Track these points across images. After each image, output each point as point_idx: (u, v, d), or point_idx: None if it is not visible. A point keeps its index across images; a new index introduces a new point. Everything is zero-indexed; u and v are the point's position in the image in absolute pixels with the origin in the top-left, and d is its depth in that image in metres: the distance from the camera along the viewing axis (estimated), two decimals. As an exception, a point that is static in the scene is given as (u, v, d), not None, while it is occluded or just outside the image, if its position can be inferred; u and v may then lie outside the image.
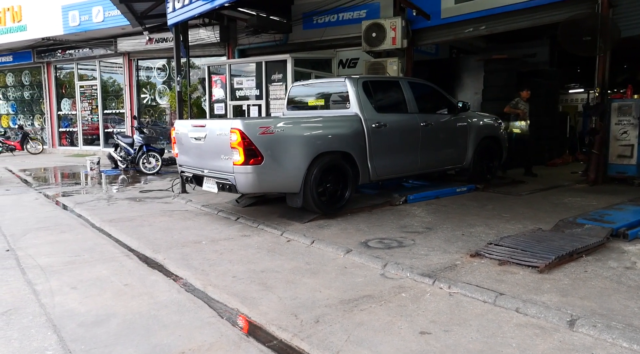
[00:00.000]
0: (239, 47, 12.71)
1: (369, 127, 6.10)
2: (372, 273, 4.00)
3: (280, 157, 5.34)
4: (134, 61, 14.82)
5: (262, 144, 5.19)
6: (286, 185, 5.53)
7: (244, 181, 5.25)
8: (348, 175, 5.94)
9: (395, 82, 6.99)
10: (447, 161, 7.36)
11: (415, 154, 6.74)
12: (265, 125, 5.29)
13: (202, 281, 3.87)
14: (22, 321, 3.18)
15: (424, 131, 6.75)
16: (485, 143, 7.74)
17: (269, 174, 5.30)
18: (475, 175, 7.70)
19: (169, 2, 7.31)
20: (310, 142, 5.56)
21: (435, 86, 7.53)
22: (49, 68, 16.79)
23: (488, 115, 8.36)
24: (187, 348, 2.78)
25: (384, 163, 6.30)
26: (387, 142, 6.32)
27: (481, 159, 7.74)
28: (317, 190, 5.61)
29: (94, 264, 4.38)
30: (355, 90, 6.21)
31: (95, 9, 12.90)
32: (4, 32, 15.13)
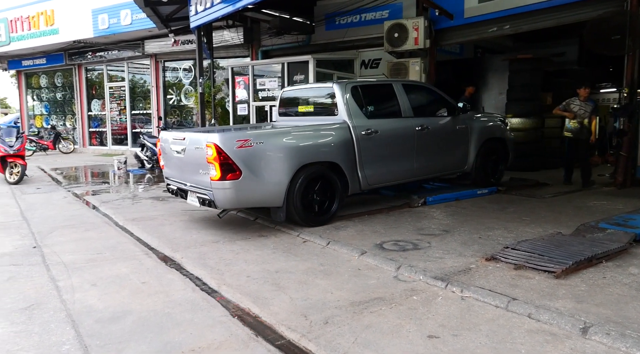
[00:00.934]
0: (262, 48, 12.82)
1: (358, 134, 5.82)
2: (385, 276, 4.01)
3: (260, 170, 5.11)
4: (160, 62, 15.12)
5: (240, 158, 4.96)
6: (268, 199, 5.30)
7: (222, 197, 5.05)
8: (335, 186, 5.69)
9: (388, 85, 6.68)
10: (447, 166, 7.08)
11: (411, 160, 6.46)
12: (243, 138, 5.05)
13: (216, 280, 3.95)
14: (43, 316, 3.31)
15: (419, 136, 6.47)
16: (489, 145, 7.44)
17: (248, 189, 5.08)
18: (479, 179, 7.41)
19: (192, 6, 7.45)
20: (291, 154, 5.29)
21: (433, 88, 7.33)
22: (80, 70, 17.27)
23: (492, 116, 8.13)
24: (198, 346, 2.85)
25: (375, 171, 6.05)
26: (379, 149, 6.06)
27: (485, 162, 7.42)
28: (301, 202, 5.39)
29: (114, 262, 4.51)
30: (344, 96, 5.95)
31: (123, 12, 13.21)
32: (38, 36, 15.64)
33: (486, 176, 7.49)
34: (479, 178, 7.39)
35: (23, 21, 15.82)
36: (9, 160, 9.65)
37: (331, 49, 11.80)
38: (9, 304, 3.52)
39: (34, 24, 15.55)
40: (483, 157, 7.33)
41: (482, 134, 7.31)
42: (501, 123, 7.86)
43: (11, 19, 16.15)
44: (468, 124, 7.16)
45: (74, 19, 14.53)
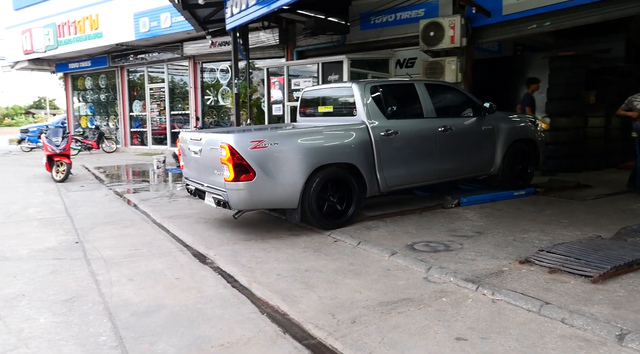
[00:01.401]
0: (297, 48, 12.91)
1: (376, 135, 5.71)
2: (414, 276, 3.98)
3: (274, 172, 5.06)
4: (198, 64, 15.44)
5: (254, 159, 4.95)
6: (282, 201, 5.25)
7: (236, 198, 5.03)
8: (353, 188, 5.58)
9: (409, 85, 6.50)
10: (472, 167, 6.80)
11: (432, 162, 6.27)
12: (257, 139, 5.03)
13: (247, 277, 4.02)
14: (82, 308, 3.45)
15: (442, 137, 6.30)
16: (517, 146, 7.13)
17: (262, 190, 5.04)
18: (506, 182, 7.11)
19: (228, 8, 7.58)
20: (306, 155, 5.20)
21: (458, 87, 7.11)
22: (123, 72, 17.85)
23: (521, 116, 7.79)
24: (226, 341, 2.92)
25: (395, 173, 5.91)
26: (399, 150, 5.92)
27: (513, 164, 7.14)
28: (317, 205, 5.31)
29: (150, 258, 4.66)
30: (362, 96, 5.87)
31: (163, 15, 13.57)
32: (83, 39, 16.26)
33: (514, 178, 7.22)
34: (506, 181, 7.11)
35: (70, 26, 16.47)
36: (56, 159, 10.09)
37: (366, 48, 11.78)
38: (51, 296, 3.69)
39: (79, 28, 16.17)
40: (511, 159, 7.07)
41: (510, 135, 7.03)
42: (531, 123, 7.54)
43: (59, 24, 16.84)
44: (495, 125, 6.90)
45: (117, 23, 15.03)
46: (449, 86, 7.10)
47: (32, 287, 3.88)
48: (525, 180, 7.44)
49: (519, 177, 7.31)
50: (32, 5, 17.72)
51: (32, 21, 17.73)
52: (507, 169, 7.05)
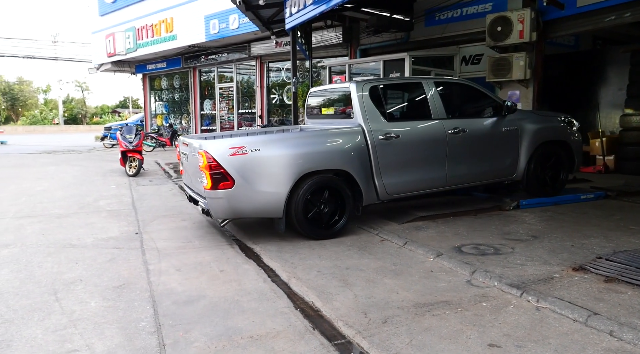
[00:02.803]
0: (361, 46, 12.87)
1: (374, 139, 5.31)
2: (457, 279, 3.86)
3: (256, 180, 4.81)
4: (265, 64, 15.82)
5: (234, 167, 4.73)
6: (266, 210, 4.96)
7: (215, 207, 4.86)
8: (346, 196, 5.18)
9: (416, 84, 6.08)
10: (490, 173, 6.19)
11: (441, 167, 5.76)
12: (237, 145, 4.81)
13: (288, 273, 4.08)
14: (130, 294, 3.67)
15: (452, 139, 5.76)
16: (546, 149, 6.47)
17: (243, 199, 4.81)
18: (531, 188, 6.48)
19: (287, 8, 7.71)
20: (291, 161, 4.89)
21: (475, 85, 6.50)
22: (195, 73, 18.67)
23: (552, 115, 7.04)
24: (256, 333, 2.98)
25: (396, 180, 5.47)
26: (400, 155, 5.49)
27: (541, 169, 6.48)
28: (304, 214, 4.98)
29: (200, 250, 4.85)
30: (360, 97, 5.45)
31: (231, 17, 14.03)
32: (159, 42, 17.17)
33: (541, 185, 6.52)
34: (532, 187, 6.47)
35: (148, 29, 17.46)
36: (129, 155, 10.76)
37: (430, 45, 11.53)
38: (105, 281, 3.95)
39: (156, 32, 17.09)
40: (538, 163, 6.42)
41: (536, 137, 6.36)
42: (565, 124, 6.78)
43: (138, 28, 17.90)
44: (519, 125, 6.28)
45: (189, 25, 15.73)
46: (465, 84, 6.58)
47: (89, 273, 4.17)
48: (556, 188, 6.70)
49: (548, 184, 6.61)
50: (115, 11, 18.96)
51: (114, 26, 18.98)
52: (533, 175, 6.39)
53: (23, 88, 63.94)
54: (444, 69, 11.48)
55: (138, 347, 2.83)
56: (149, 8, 17.21)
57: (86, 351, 2.77)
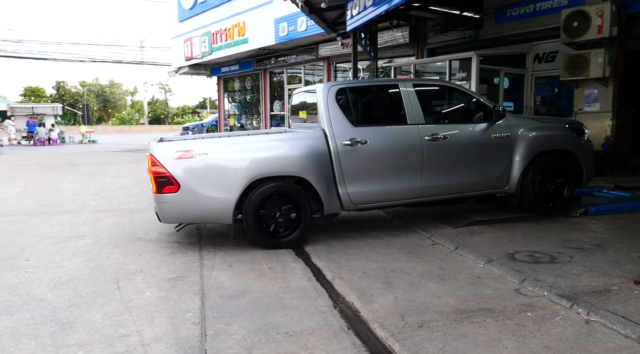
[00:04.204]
0: (428, 46, 12.65)
1: (337, 145, 5.01)
2: (505, 287, 3.74)
3: (203, 184, 4.68)
4: (332, 65, 15.98)
5: (179, 170, 4.64)
6: (213, 216, 4.87)
7: (161, 211, 4.80)
8: (303, 204, 4.94)
9: (391, 86, 5.70)
10: (476, 184, 5.62)
11: (416, 177, 5.30)
12: (183, 149, 4.70)
13: (333, 273, 4.15)
14: (182, 286, 3.91)
15: (430, 147, 5.30)
16: (547, 160, 5.83)
17: (189, 204, 4.70)
18: (527, 202, 5.83)
19: (348, 10, 7.78)
20: (240, 166, 4.75)
21: (461, 87, 5.99)
22: (265, 74, 19.21)
23: (556, 121, 6.41)
24: (292, 330, 3.08)
25: (363, 189, 5.12)
26: (367, 163, 5.14)
27: (540, 181, 5.84)
28: (255, 221, 4.82)
29: (253, 247, 5.02)
30: (325, 100, 5.16)
31: (299, 19, 14.30)
32: (232, 45, 17.86)
33: (539, 199, 5.86)
34: (526, 202, 5.83)
35: (221, 33, 18.20)
36: (199, 154, 11.29)
37: (501, 43, 11.11)
38: (162, 273, 4.23)
39: (229, 35, 17.78)
40: (535, 175, 5.78)
41: (532, 145, 5.72)
42: (569, 131, 6.03)
43: (213, 32, 18.71)
44: (512, 132, 5.67)
45: (260, 29, 16.22)
46: (450, 87, 6.08)
47: (150, 265, 4.47)
48: (558, 203, 5.98)
49: (549, 198, 5.93)
50: (193, 17, 19.94)
51: (192, 31, 19.97)
52: (528, 188, 5.76)
53: (114, 91, 68.82)
54: (515, 68, 11.04)
55: (182, 336, 3.02)
56: (223, 13, 17.93)
57: (136, 337, 3.01)
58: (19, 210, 7.27)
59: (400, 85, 5.46)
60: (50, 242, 5.33)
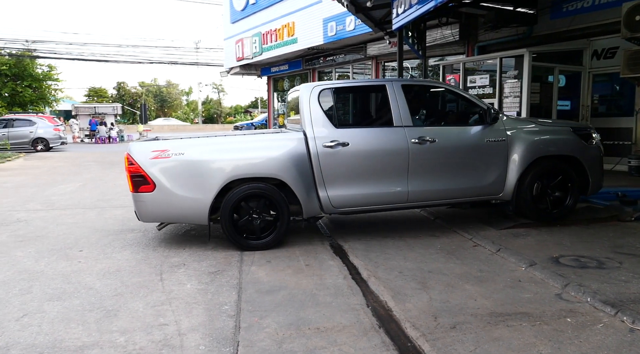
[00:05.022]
0: (478, 43, 12.34)
1: (317, 146, 4.91)
2: (545, 291, 3.62)
3: (179, 184, 4.72)
4: (380, 64, 15.89)
5: (155, 170, 4.70)
6: (189, 216, 4.89)
7: (138, 210, 4.88)
8: (281, 206, 4.87)
9: (378, 87, 5.46)
10: (467, 190, 5.33)
11: (401, 181, 5.10)
12: (159, 148, 4.75)
13: (369, 271, 4.16)
14: (221, 280, 4.03)
15: (417, 150, 5.09)
16: (546, 166, 5.48)
17: (164, 203, 4.76)
18: (525, 210, 5.51)
19: (394, 8, 7.73)
20: (216, 167, 4.75)
21: (456, 88, 5.61)
22: (314, 74, 19.35)
23: (559, 124, 5.97)
24: (323, 326, 3.12)
25: (343, 192, 4.99)
26: (349, 165, 4.99)
27: (541, 189, 5.49)
28: (232, 223, 4.81)
29: (293, 244, 5.12)
30: (307, 101, 5.07)
31: (348, 18, 14.31)
32: (281, 45, 18.11)
33: (539, 207, 5.52)
34: (523, 209, 5.52)
35: (271, 34, 18.50)
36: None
37: (555, 39, 10.68)
38: (203, 267, 4.38)
39: (279, 36, 18.04)
40: (535, 181, 5.45)
41: (530, 150, 5.38)
42: (575, 135, 5.64)
43: (263, 33, 19.04)
44: (508, 136, 5.37)
45: (309, 29, 16.37)
46: (443, 88, 5.71)
47: (192, 258, 4.64)
48: (560, 211, 5.59)
49: (550, 206, 5.57)
50: (244, 18, 20.37)
51: (243, 32, 20.41)
52: (526, 195, 5.42)
53: (170, 91, 71.35)
54: (571, 65, 10.61)
55: (217, 327, 3.12)
56: (273, 14, 18.22)
57: (173, 326, 3.14)
58: (77, 204, 7.71)
59: (388, 86, 5.25)
60: (102, 234, 5.63)
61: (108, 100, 56.71)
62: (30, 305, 3.51)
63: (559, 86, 10.51)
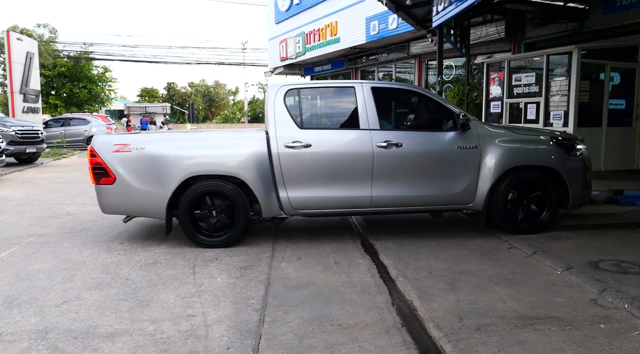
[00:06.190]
0: (525, 40, 11.95)
1: (278, 147, 4.88)
2: (580, 296, 3.49)
3: (138, 178, 4.83)
4: (423, 62, 15.67)
5: (116, 163, 4.83)
6: (148, 210, 4.97)
7: (100, 201, 5.03)
8: (240, 205, 4.87)
9: (347, 89, 5.29)
10: (434, 198, 5.11)
11: (365, 186, 4.98)
12: (121, 142, 4.89)
13: (397, 271, 4.13)
14: (251, 275, 4.11)
15: (382, 154, 4.95)
16: (522, 176, 5.16)
17: (124, 196, 4.88)
18: (497, 221, 5.21)
19: (434, 6, 7.61)
20: (175, 163, 4.80)
21: (429, 93, 5.37)
22: (357, 73, 19.31)
23: (539, 134, 5.51)
24: (345, 323, 3.13)
25: (304, 194, 4.93)
26: (311, 167, 4.93)
27: (517, 200, 5.17)
28: (190, 219, 4.87)
29: (324, 242, 5.14)
30: (272, 101, 5.06)
31: (390, 17, 14.18)
32: (324, 45, 18.17)
33: (512, 218, 5.20)
34: (494, 221, 5.23)
35: (315, 34, 18.59)
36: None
37: (609, 35, 10.21)
38: (235, 262, 4.48)
39: (322, 35, 18.11)
40: (509, 192, 5.13)
41: (504, 159, 5.09)
42: (553, 145, 5.28)
43: (307, 33, 19.16)
44: (481, 143, 5.11)
45: (351, 28, 16.33)
46: (415, 91, 5.47)
47: (225, 253, 4.75)
48: (535, 224, 5.24)
49: (526, 218, 5.24)
50: (288, 19, 20.56)
51: (287, 32, 20.61)
52: (499, 206, 5.13)
53: (218, 91, 73.01)
54: (624, 61, 10.15)
55: (242, 320, 3.19)
56: (317, 14, 18.30)
57: (201, 317, 3.23)
58: (122, 198, 8.03)
59: (357, 88, 5.15)
60: (144, 228, 5.85)
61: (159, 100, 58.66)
62: (70, 293, 3.70)
63: (613, 84, 10.06)
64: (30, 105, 18.80)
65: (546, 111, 9.94)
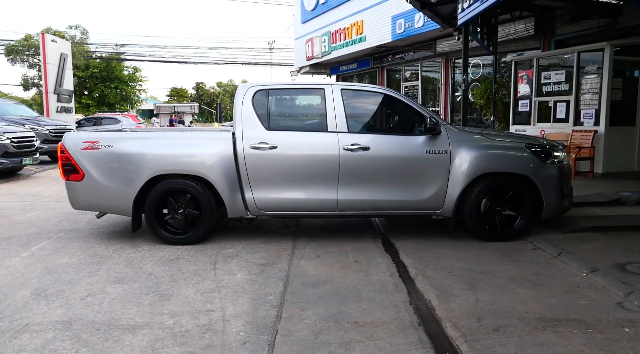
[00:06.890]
0: (556, 37, 11.67)
1: (244, 147, 4.89)
2: (605, 299, 3.40)
3: (106, 176, 4.91)
4: (450, 61, 15.47)
5: (84, 160, 4.90)
6: (115, 207, 5.06)
7: (69, 197, 5.10)
8: (206, 204, 4.92)
9: (316, 90, 5.24)
10: (403, 203, 5.00)
11: (331, 189, 4.93)
12: (90, 140, 4.94)
13: (417, 270, 4.10)
14: (270, 272, 4.14)
15: (348, 158, 4.88)
16: (495, 182, 4.98)
17: (92, 193, 4.96)
18: (470, 226, 5.04)
19: (459, 4, 7.52)
20: (142, 161, 4.87)
21: (401, 96, 5.23)
22: (382, 72, 19.21)
23: (516, 140, 5.27)
24: (362, 320, 3.13)
25: (270, 195, 4.95)
26: (276, 168, 4.93)
27: (488, 207, 4.99)
28: (156, 217, 4.96)
29: (345, 240, 5.15)
30: (240, 101, 5.06)
31: (417, 15, 14.04)
32: (350, 44, 18.13)
33: (485, 225, 5.01)
34: (470, 226, 5.04)
35: (340, 33, 18.57)
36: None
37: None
38: (255, 259, 4.52)
39: (347, 35, 18.07)
40: (478, 199, 4.96)
41: (474, 166, 4.92)
42: (527, 152, 5.06)
43: (333, 32, 19.16)
44: (451, 148, 4.96)
45: (377, 27, 16.26)
46: (387, 95, 5.29)
47: (246, 250, 4.80)
48: (507, 232, 5.06)
49: (499, 225, 5.05)
50: (314, 18, 20.61)
51: (313, 31, 20.65)
52: (469, 212, 4.97)
53: (245, 91, 73.64)
54: (661, 59, 9.75)
55: (259, 315, 3.23)
56: (342, 13, 18.29)
57: (219, 312, 3.28)
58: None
59: (327, 90, 5.12)
60: (168, 225, 5.96)
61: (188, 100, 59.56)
62: (95, 286, 3.80)
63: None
64: (64, 105, 19.36)
65: (576, 110, 9.69)
